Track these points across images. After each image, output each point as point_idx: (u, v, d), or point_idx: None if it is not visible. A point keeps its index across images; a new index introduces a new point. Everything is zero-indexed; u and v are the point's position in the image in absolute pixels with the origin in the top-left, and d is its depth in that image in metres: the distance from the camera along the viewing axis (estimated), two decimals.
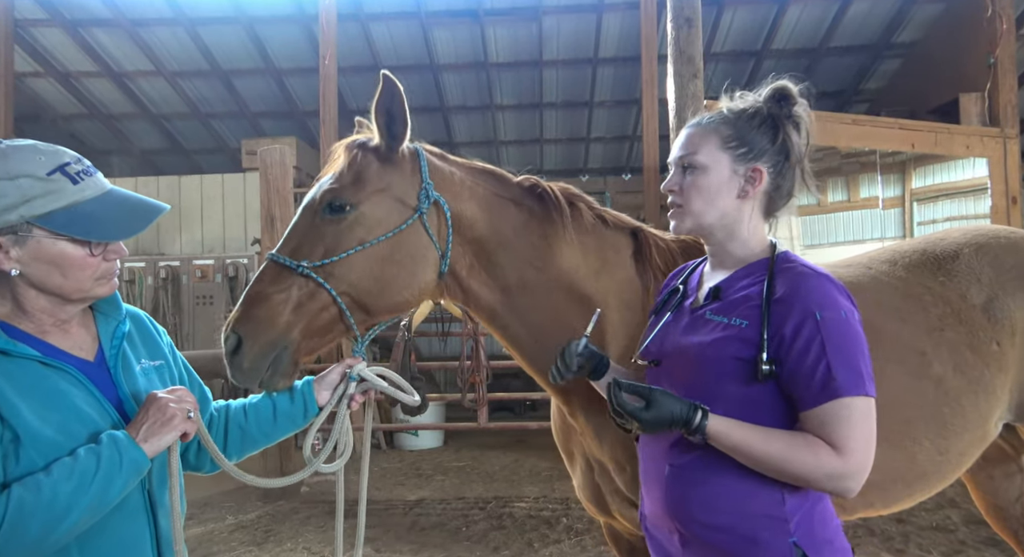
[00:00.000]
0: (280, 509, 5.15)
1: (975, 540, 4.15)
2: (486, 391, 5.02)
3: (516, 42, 8.26)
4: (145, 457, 1.13)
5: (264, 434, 1.45)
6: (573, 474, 1.86)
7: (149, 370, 1.33)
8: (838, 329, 1.17)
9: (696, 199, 1.32)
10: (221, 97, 9.20)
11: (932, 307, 1.89)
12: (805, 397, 1.17)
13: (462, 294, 1.65)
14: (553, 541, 4.32)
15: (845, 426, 1.14)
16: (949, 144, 6.43)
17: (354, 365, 1.50)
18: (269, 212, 5.52)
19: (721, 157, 1.31)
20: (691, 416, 1.17)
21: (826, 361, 1.15)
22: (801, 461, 1.15)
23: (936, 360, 1.83)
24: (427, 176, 1.55)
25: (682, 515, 1.25)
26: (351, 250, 1.46)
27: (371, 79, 7.85)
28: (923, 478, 1.83)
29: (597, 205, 1.74)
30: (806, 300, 1.19)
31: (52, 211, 1.14)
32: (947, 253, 2.02)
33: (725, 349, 1.23)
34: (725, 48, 8.40)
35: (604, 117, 9.62)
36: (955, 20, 7.42)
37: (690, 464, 1.25)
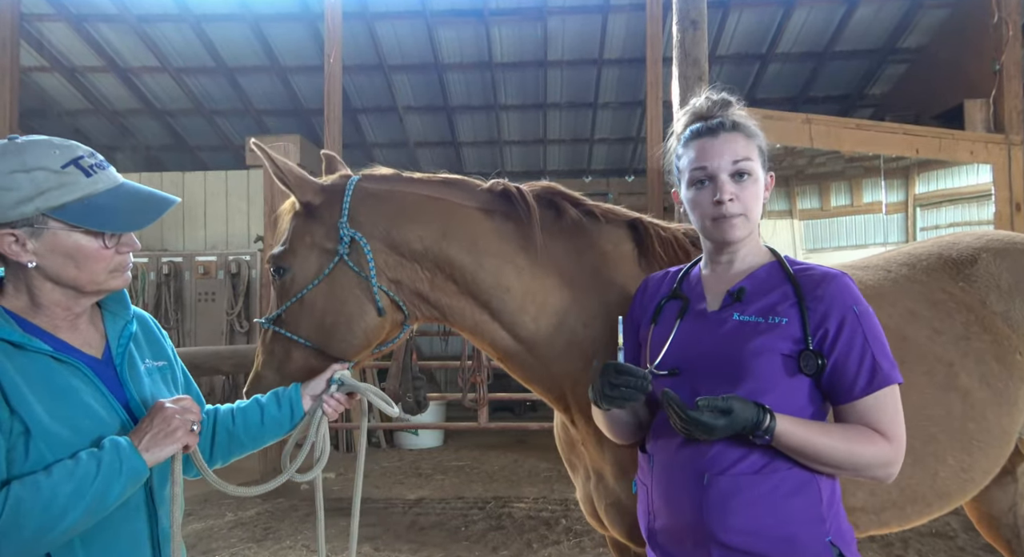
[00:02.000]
0: (279, 506, 5.16)
1: (974, 547, 4.15)
2: (487, 391, 5.02)
3: (521, 42, 8.26)
4: (145, 466, 1.14)
5: (252, 438, 1.47)
6: (576, 485, 1.84)
7: (153, 370, 1.34)
8: (871, 322, 1.26)
9: (755, 207, 1.35)
10: (226, 94, 9.21)
11: (956, 314, 1.83)
12: (852, 388, 1.22)
13: (436, 311, 1.64)
14: (552, 542, 4.32)
15: (891, 413, 1.22)
16: (953, 150, 6.42)
17: (337, 371, 1.54)
18: (273, 209, 5.52)
19: (759, 165, 1.37)
20: (762, 418, 1.18)
21: (871, 352, 1.22)
22: (861, 452, 1.20)
23: (963, 371, 1.76)
24: (346, 213, 1.57)
25: (722, 524, 1.22)
26: (289, 302, 1.58)
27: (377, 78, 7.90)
28: (944, 497, 1.76)
29: (586, 201, 1.69)
30: (842, 296, 1.26)
31: (66, 203, 1.16)
32: (964, 258, 1.95)
33: (765, 347, 1.25)
34: (730, 51, 8.39)
35: (608, 118, 9.61)
36: (961, 25, 7.42)
37: (736, 471, 1.24)
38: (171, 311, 6.88)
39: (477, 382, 4.88)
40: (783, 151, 6.99)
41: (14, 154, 1.15)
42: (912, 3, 7.73)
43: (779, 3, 7.72)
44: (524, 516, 4.86)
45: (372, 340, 1.62)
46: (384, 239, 1.59)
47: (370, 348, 1.64)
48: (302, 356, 1.58)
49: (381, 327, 1.61)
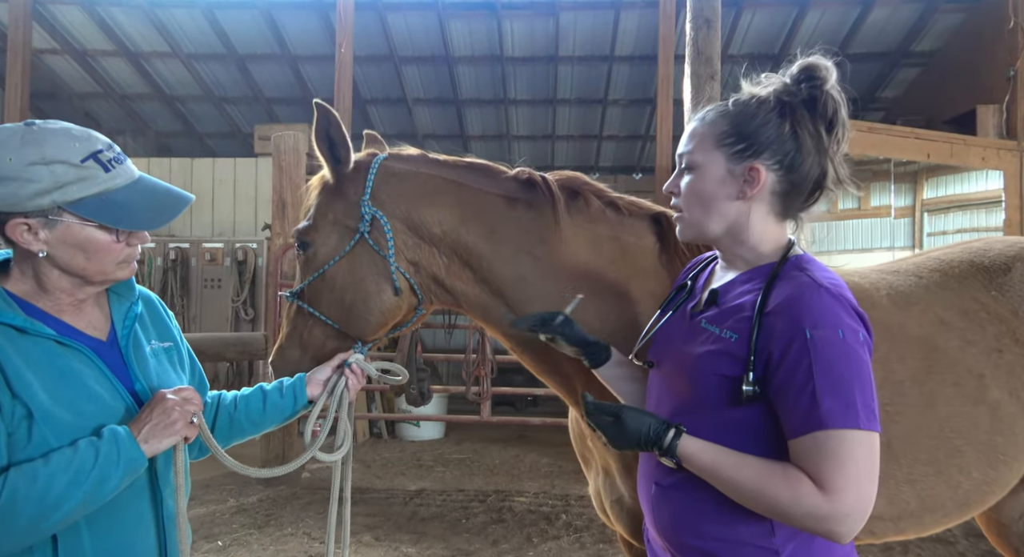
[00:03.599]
0: (281, 494, 5.18)
1: (975, 553, 4.15)
2: (490, 385, 5.02)
3: (532, 37, 8.24)
4: (143, 457, 1.14)
5: (252, 424, 1.48)
6: (588, 479, 1.83)
7: (159, 351, 1.34)
8: (830, 351, 1.03)
9: (694, 205, 1.21)
10: (236, 81, 9.21)
11: (988, 325, 1.76)
12: (790, 424, 1.05)
13: (451, 297, 1.64)
14: (552, 537, 4.33)
15: (830, 461, 1.00)
16: (965, 155, 6.39)
17: (348, 357, 1.56)
18: (281, 198, 5.53)
19: (716, 156, 1.19)
20: (661, 436, 1.09)
21: (812, 386, 1.02)
22: (775, 493, 1.02)
23: (994, 384, 1.69)
24: (369, 191, 1.58)
25: (670, 537, 1.20)
26: (311, 277, 1.60)
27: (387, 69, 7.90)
28: (964, 507, 1.72)
29: (610, 192, 1.67)
30: (799, 315, 1.05)
31: (83, 197, 1.16)
32: (997, 266, 1.88)
33: (712, 364, 1.13)
34: (742, 50, 8.36)
35: (618, 115, 9.59)
36: (975, 31, 7.38)
37: (675, 485, 1.17)
38: (177, 297, 6.90)
39: (481, 375, 4.89)
40: None
41: (33, 145, 1.14)
42: (927, 7, 7.68)
43: (793, 4, 7.68)
44: (525, 510, 4.87)
45: (388, 320, 1.62)
46: (404, 220, 1.60)
47: (386, 328, 1.65)
48: (322, 332, 1.60)
49: (397, 307, 1.61)
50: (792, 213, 1.22)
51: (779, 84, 1.21)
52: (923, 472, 1.60)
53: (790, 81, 1.20)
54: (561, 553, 4.07)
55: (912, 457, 1.58)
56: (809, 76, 1.18)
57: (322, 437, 1.49)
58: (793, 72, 1.20)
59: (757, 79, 1.25)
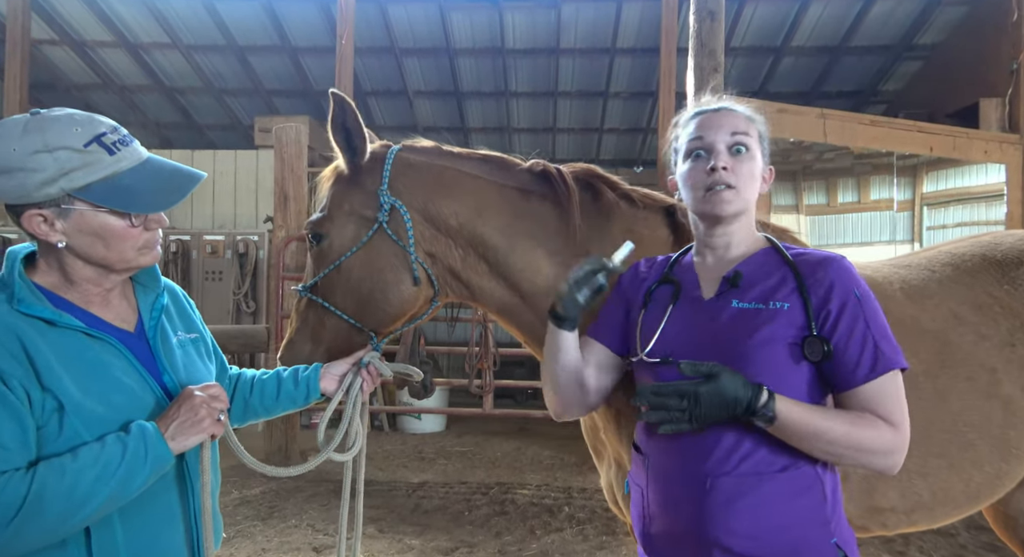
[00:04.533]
0: (284, 486, 5.20)
1: (976, 545, 4.17)
2: (493, 378, 5.03)
3: (534, 29, 8.20)
4: (170, 454, 1.14)
5: (265, 409, 1.51)
6: (600, 472, 1.82)
7: (185, 342, 1.34)
8: (872, 306, 1.21)
9: (749, 184, 1.30)
10: (236, 73, 9.16)
11: (1002, 319, 1.77)
12: (854, 374, 1.18)
13: (466, 290, 1.64)
14: (555, 529, 4.35)
15: (894, 399, 1.18)
16: (967, 149, 6.38)
17: (364, 355, 1.56)
18: (283, 190, 5.52)
19: (759, 151, 1.34)
20: (757, 394, 1.12)
21: (872, 337, 1.18)
22: (868, 438, 1.15)
23: (1007, 379, 1.71)
24: (386, 182, 1.57)
25: (726, 528, 1.17)
26: (327, 270, 1.58)
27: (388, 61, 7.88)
28: (975, 500, 1.74)
29: (624, 185, 1.67)
30: (843, 280, 1.22)
31: (90, 183, 1.14)
32: (1010, 259, 1.87)
33: (776, 334, 1.19)
34: (744, 43, 8.33)
35: (619, 108, 9.56)
36: (978, 24, 7.35)
37: (740, 472, 1.18)
38: None
39: (484, 368, 4.89)
40: (792, 146, 6.96)
41: (36, 132, 1.12)
42: (930, 0, 7.66)
43: None
44: (527, 502, 4.88)
45: (406, 310, 1.61)
46: (421, 211, 1.59)
47: (403, 320, 1.64)
48: (335, 325, 1.59)
49: (415, 298, 1.60)
50: None
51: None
52: (936, 465, 1.60)
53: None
54: (564, 545, 4.08)
55: (925, 450, 1.58)
56: None
57: (337, 438, 1.50)
58: None
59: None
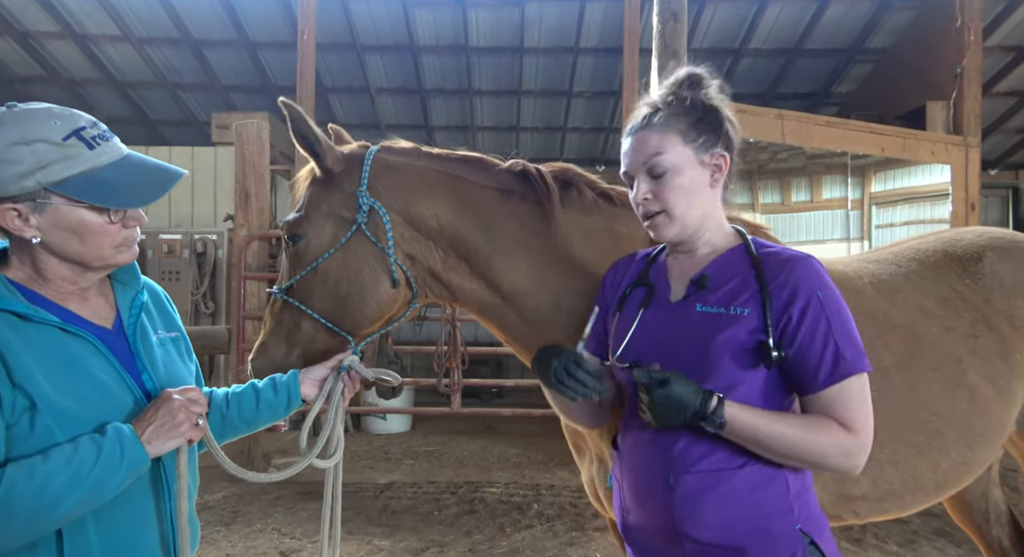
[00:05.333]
0: (247, 490, 5.09)
1: (927, 531, 4.35)
2: (462, 376, 5.02)
3: (498, 27, 8.19)
4: (147, 457, 1.11)
5: (245, 422, 1.45)
6: (581, 468, 1.83)
7: (166, 341, 1.31)
8: (836, 307, 1.20)
9: (679, 202, 1.28)
10: (191, 67, 8.90)
11: (964, 312, 1.84)
12: (815, 378, 1.18)
13: (447, 291, 1.63)
14: (525, 526, 4.37)
15: (854, 403, 1.17)
16: (916, 150, 6.64)
17: (344, 359, 1.53)
18: (244, 188, 5.39)
19: (686, 152, 1.29)
20: (707, 401, 1.15)
21: (833, 341, 1.17)
22: (819, 442, 1.15)
23: (971, 369, 1.78)
24: (365, 183, 1.56)
25: (692, 521, 1.21)
26: (303, 271, 1.56)
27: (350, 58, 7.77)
28: (942, 487, 1.80)
29: (602, 183, 1.68)
30: (806, 282, 1.20)
31: (68, 177, 1.11)
32: (969, 255, 1.96)
33: (727, 339, 1.20)
34: (704, 44, 8.48)
35: (582, 107, 9.62)
36: (925, 29, 7.65)
37: (701, 468, 1.21)
38: None
39: (452, 367, 4.87)
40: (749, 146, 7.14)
41: (13, 124, 1.09)
42: (880, 4, 7.92)
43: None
44: (496, 501, 4.89)
45: (384, 313, 1.60)
46: (401, 212, 1.58)
47: (381, 322, 1.62)
48: (311, 328, 1.57)
49: (394, 300, 1.59)
50: (725, 196, 1.37)
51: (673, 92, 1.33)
52: (906, 454, 1.66)
53: (678, 87, 1.34)
54: (534, 542, 4.10)
55: (896, 439, 1.64)
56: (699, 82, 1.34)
57: (320, 444, 1.47)
58: (682, 79, 1.35)
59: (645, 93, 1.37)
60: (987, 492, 2.37)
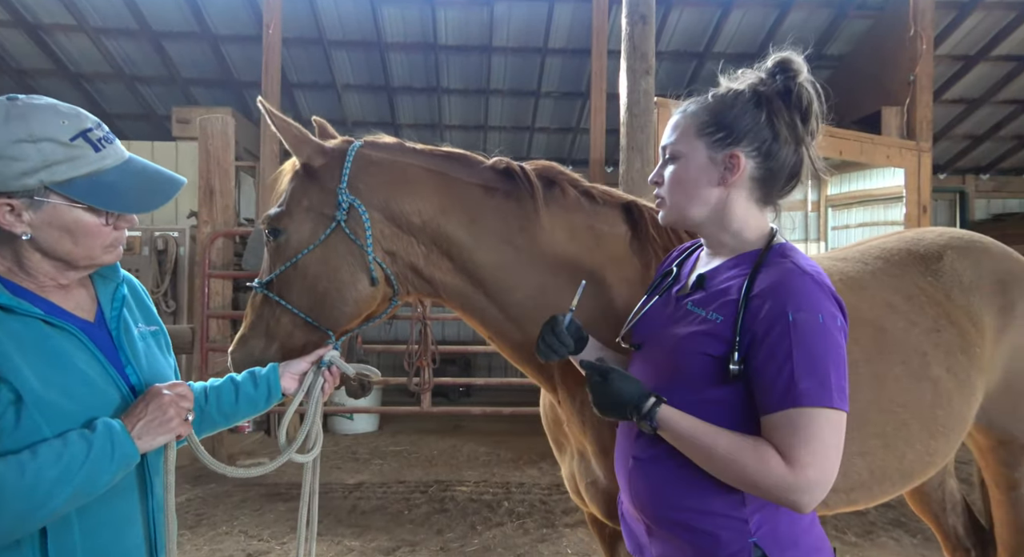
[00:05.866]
0: (211, 492, 4.98)
1: (884, 521, 4.51)
2: (432, 375, 5.00)
3: (467, 26, 8.18)
4: (137, 453, 1.10)
5: (224, 416, 1.44)
6: (562, 464, 1.85)
7: (147, 335, 1.30)
8: (811, 334, 1.09)
9: (675, 191, 1.27)
10: (150, 60, 8.65)
11: (928, 308, 1.91)
12: (766, 401, 1.11)
13: (429, 286, 1.64)
14: (496, 524, 4.38)
15: (800, 437, 1.06)
16: (872, 154, 6.86)
17: (325, 354, 1.53)
18: (208, 184, 5.28)
19: (697, 144, 1.25)
20: (642, 401, 1.15)
21: (791, 366, 1.08)
22: (744, 463, 1.08)
23: (935, 362, 1.83)
24: (346, 180, 1.56)
25: (646, 508, 1.25)
26: (283, 266, 1.56)
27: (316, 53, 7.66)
28: (908, 477, 1.86)
29: (584, 182, 1.70)
30: (783, 299, 1.11)
31: (73, 178, 1.10)
32: (931, 253, 2.05)
33: (698, 345, 1.18)
34: (670, 47, 8.61)
35: (550, 107, 9.67)
36: (881, 37, 7.91)
37: (654, 458, 1.23)
38: None
39: (422, 366, 4.86)
40: None
41: (19, 120, 1.08)
42: (838, 12, 8.17)
43: (717, 4, 7.98)
44: (466, 499, 4.89)
45: (363, 310, 1.60)
46: (382, 209, 1.58)
47: (360, 319, 1.62)
48: (290, 322, 1.57)
49: (372, 298, 1.59)
50: (771, 200, 1.29)
51: (755, 77, 1.28)
52: (873, 445, 1.73)
53: (765, 74, 1.28)
54: (506, 539, 4.12)
55: (864, 431, 1.70)
56: (783, 69, 1.25)
57: (299, 439, 1.47)
58: (768, 65, 1.27)
59: (735, 74, 1.32)
60: (944, 482, 2.48)
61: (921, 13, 7.11)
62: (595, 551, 3.90)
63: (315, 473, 1.55)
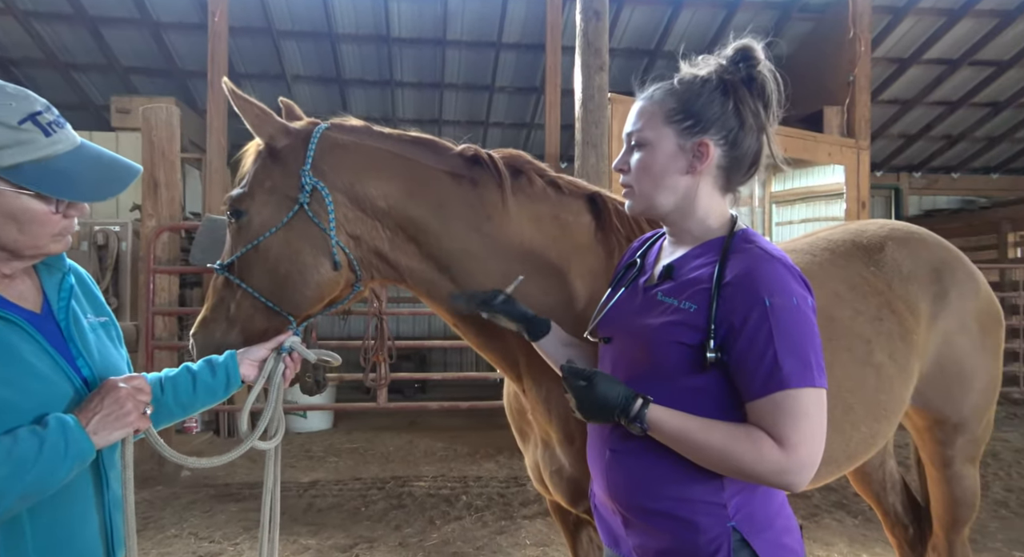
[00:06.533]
0: (158, 495, 4.83)
1: (827, 504, 4.70)
2: (388, 371, 4.96)
3: (420, 18, 8.10)
4: (92, 449, 1.06)
5: (181, 406, 1.40)
6: (526, 453, 1.86)
7: (96, 326, 1.25)
8: (788, 316, 1.11)
9: (643, 179, 1.26)
10: (86, 47, 8.27)
11: (871, 297, 1.99)
12: (751, 387, 1.11)
13: (394, 272, 1.63)
14: (454, 518, 4.38)
15: (790, 418, 1.08)
16: (815, 151, 7.12)
17: (286, 340, 1.50)
18: (153, 176, 5.09)
19: (666, 132, 1.24)
20: (630, 404, 1.14)
21: (773, 350, 1.09)
22: (741, 454, 1.09)
23: (878, 348, 1.90)
24: (310, 162, 1.54)
25: (623, 499, 1.25)
26: (244, 249, 1.54)
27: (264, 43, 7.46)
28: (852, 459, 1.93)
29: (550, 172, 1.70)
30: (757, 285, 1.12)
31: (21, 163, 1.05)
32: (873, 244, 2.15)
33: (672, 334, 1.17)
34: (623, 45, 8.73)
35: (504, 102, 9.68)
36: (822, 38, 8.20)
37: (631, 450, 1.22)
38: None
39: (379, 361, 4.81)
40: None
41: None
42: (782, 14, 8.43)
43: (668, 2, 8.13)
44: (424, 494, 4.88)
45: (325, 294, 1.58)
46: (347, 192, 1.56)
47: (322, 304, 1.60)
48: (251, 306, 1.54)
49: (335, 282, 1.57)
50: (732, 187, 1.30)
51: (717, 65, 1.28)
52: None
53: (727, 61, 1.27)
54: (464, 533, 4.13)
55: None
56: (745, 56, 1.26)
57: (261, 427, 1.46)
58: (729, 53, 1.27)
59: (695, 61, 1.32)
60: (884, 463, 2.60)
61: (859, 16, 7.41)
62: (553, 541, 3.95)
63: (277, 461, 1.52)
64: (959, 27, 8.41)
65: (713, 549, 1.16)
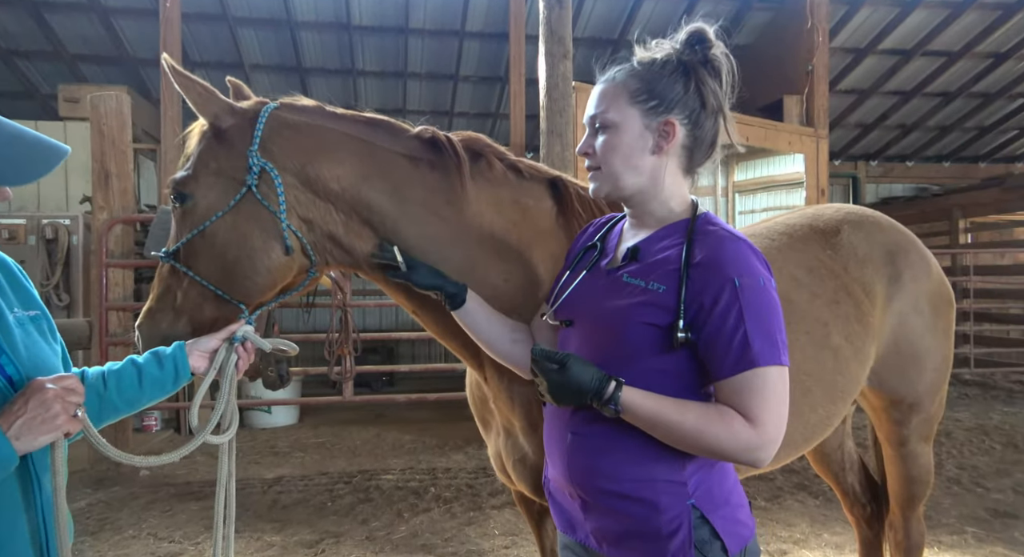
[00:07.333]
0: (116, 495, 4.69)
1: (789, 486, 4.80)
2: (354, 363, 4.89)
3: (381, 5, 7.95)
4: (14, 456, 1.01)
5: (127, 402, 1.34)
6: (488, 442, 1.84)
7: (24, 320, 1.18)
8: (756, 297, 1.13)
9: (611, 160, 1.26)
10: (30, 33, 7.92)
11: (828, 280, 2.01)
12: (721, 366, 1.13)
13: (349, 257, 1.58)
14: (423, 510, 4.35)
15: (759, 396, 1.11)
16: (776, 140, 7.22)
17: (237, 329, 1.45)
18: (104, 167, 4.91)
19: (631, 112, 1.25)
20: (603, 386, 1.14)
21: (743, 329, 1.11)
22: (715, 433, 1.11)
23: (835, 331, 1.92)
24: (257, 142, 1.48)
25: (584, 483, 1.25)
26: (190, 235, 1.48)
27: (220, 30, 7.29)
28: (809, 440, 1.96)
29: (510, 156, 1.68)
30: (726, 266, 1.14)
31: None
32: (830, 228, 2.17)
33: (641, 315, 1.18)
34: (586, 34, 8.72)
35: (469, 92, 9.59)
36: (781, 28, 8.31)
37: (593, 433, 1.23)
38: None
39: (344, 354, 4.74)
40: None
41: None
42: (742, 4, 8.52)
43: None
44: (392, 487, 4.83)
45: (277, 281, 1.52)
46: (297, 174, 1.50)
47: (274, 291, 1.54)
48: (199, 294, 1.48)
49: (287, 268, 1.52)
50: (694, 168, 1.31)
51: (673, 48, 1.29)
52: None
53: (682, 45, 1.29)
54: (433, 525, 4.11)
55: None
56: (700, 39, 1.28)
57: (214, 419, 1.40)
58: (683, 37, 1.29)
59: (649, 45, 1.32)
60: (843, 444, 2.66)
61: (817, 6, 7.52)
62: (521, 530, 3.95)
63: (231, 455, 1.47)
64: (912, 18, 8.61)
65: (675, 527, 1.17)
